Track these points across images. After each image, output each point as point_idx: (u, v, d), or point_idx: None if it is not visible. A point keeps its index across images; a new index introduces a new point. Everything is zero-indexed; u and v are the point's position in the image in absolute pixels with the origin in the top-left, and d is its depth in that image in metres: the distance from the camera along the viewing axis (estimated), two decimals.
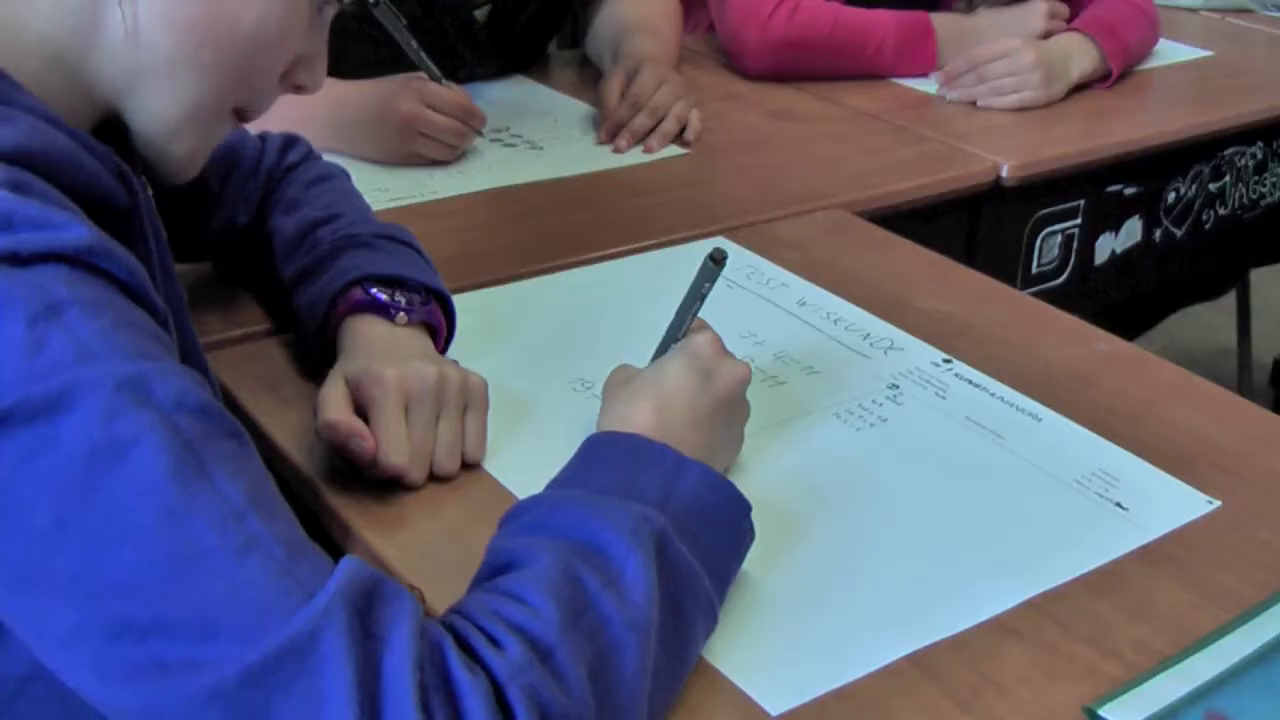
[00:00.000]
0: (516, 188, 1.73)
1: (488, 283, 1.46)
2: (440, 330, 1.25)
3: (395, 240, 1.30)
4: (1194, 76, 2.39)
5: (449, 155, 1.78)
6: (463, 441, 1.14)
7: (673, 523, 0.91)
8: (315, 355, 1.26)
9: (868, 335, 1.39)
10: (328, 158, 1.69)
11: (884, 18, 2.21)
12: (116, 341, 0.77)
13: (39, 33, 0.89)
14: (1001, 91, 2.11)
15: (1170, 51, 2.46)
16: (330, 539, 1.09)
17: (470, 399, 1.15)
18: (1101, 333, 1.43)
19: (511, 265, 1.50)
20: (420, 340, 1.22)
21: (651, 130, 1.87)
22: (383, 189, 1.67)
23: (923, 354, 1.36)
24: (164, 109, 0.94)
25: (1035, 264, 1.98)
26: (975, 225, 1.90)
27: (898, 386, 1.30)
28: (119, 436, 0.74)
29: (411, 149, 1.75)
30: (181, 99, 0.94)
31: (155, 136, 0.96)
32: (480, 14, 2.05)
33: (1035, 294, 1.61)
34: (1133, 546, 1.07)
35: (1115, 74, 2.22)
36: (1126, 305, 2.10)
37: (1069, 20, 2.29)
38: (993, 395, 1.28)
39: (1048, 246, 1.98)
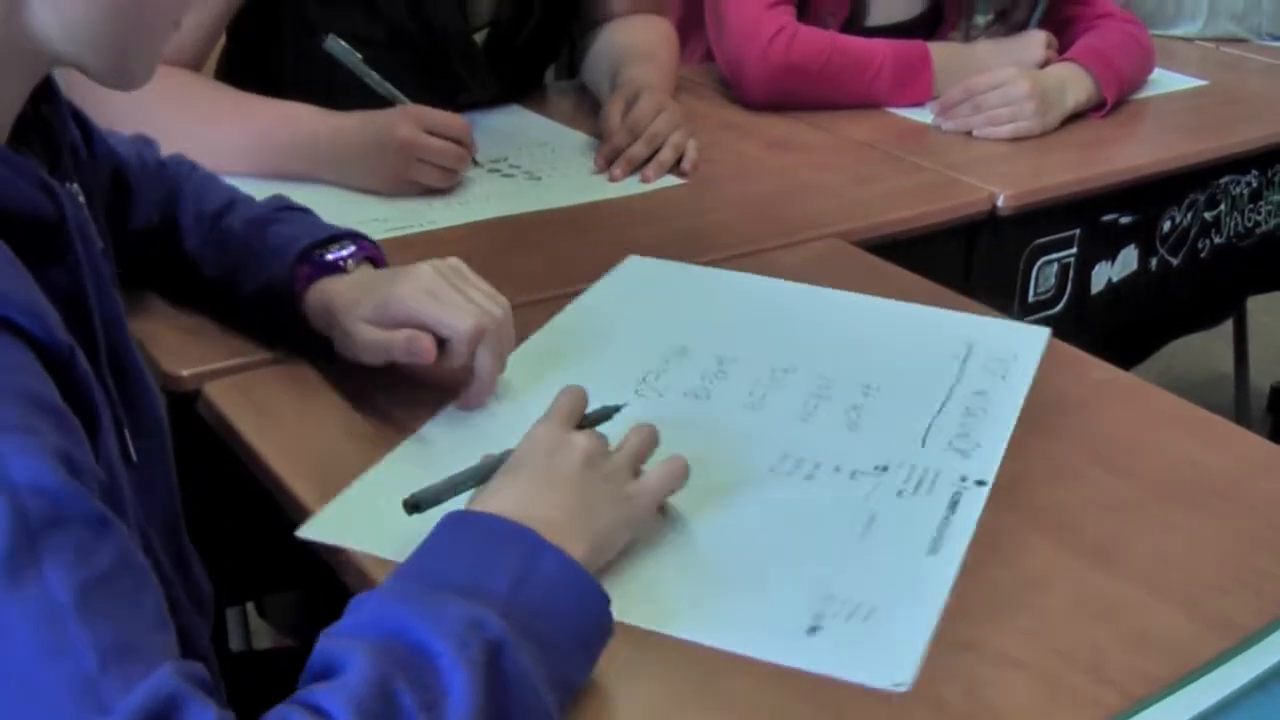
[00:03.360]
0: (514, 218, 1.74)
1: None
2: (379, 259, 1.38)
3: (292, 209, 1.42)
4: (1189, 105, 2.40)
5: (448, 181, 1.78)
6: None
7: (517, 621, 0.84)
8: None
9: None
10: (325, 188, 1.71)
11: (881, 47, 2.22)
12: None
13: None
14: (997, 121, 2.11)
15: (1165, 80, 2.47)
16: (325, 565, 1.10)
17: (461, 270, 1.30)
18: (1098, 362, 1.43)
19: (510, 294, 1.50)
20: (374, 271, 1.35)
21: (649, 159, 1.87)
22: (380, 219, 1.67)
23: None
24: (116, 51, 0.94)
25: (1032, 293, 1.98)
26: (971, 254, 1.91)
27: None
28: None
29: (410, 176, 1.75)
30: (134, 34, 0.94)
31: (117, 76, 0.96)
32: (479, 37, 2.06)
33: (1032, 323, 1.61)
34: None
35: (1110, 103, 2.23)
36: (1123, 334, 2.11)
37: (1063, 50, 2.30)
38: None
39: (1044, 275, 1.98)
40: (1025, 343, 1.44)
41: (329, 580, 1.10)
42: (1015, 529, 1.14)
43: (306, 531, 1.11)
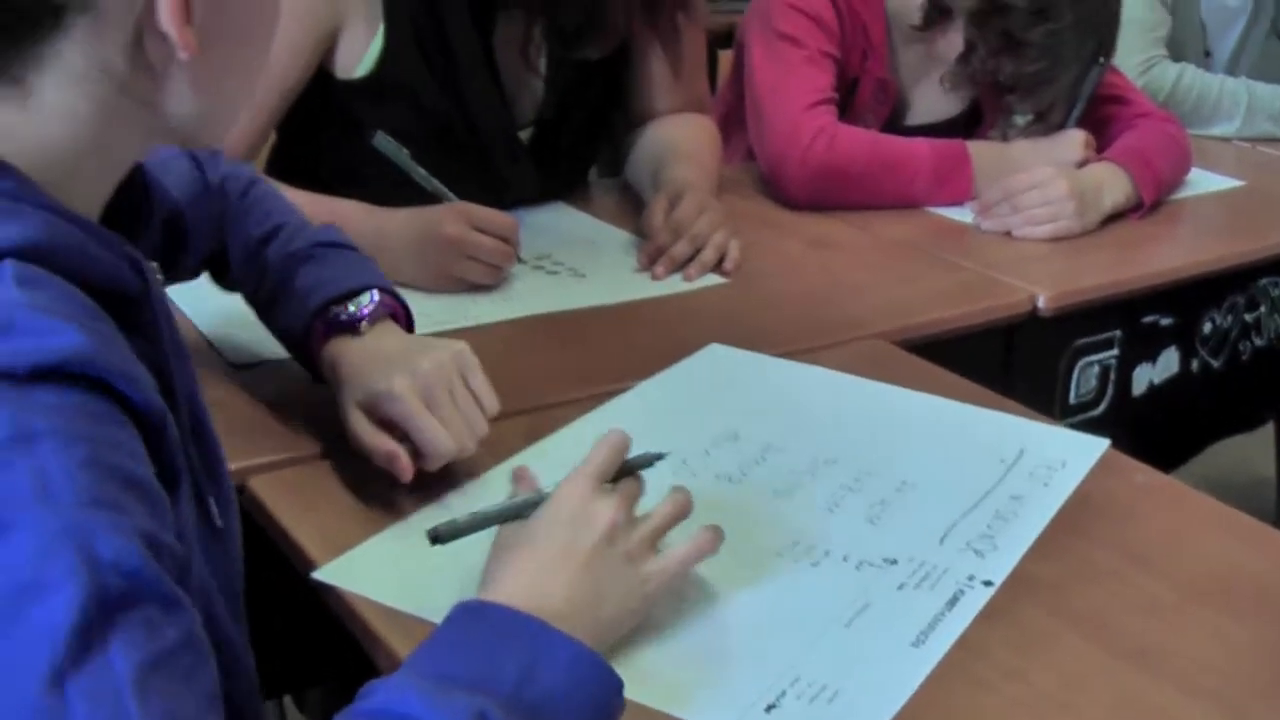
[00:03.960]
0: (558, 314, 1.76)
1: (529, 409, 1.47)
2: (399, 313, 1.42)
3: (333, 245, 1.45)
4: (1227, 206, 2.41)
5: (494, 278, 1.80)
6: (479, 404, 1.31)
7: (522, 714, 0.89)
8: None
9: None
10: None
11: (921, 146, 2.24)
12: (79, 484, 0.77)
13: (50, 144, 0.91)
14: (1036, 221, 2.13)
15: (1203, 181, 2.48)
16: (372, 663, 1.11)
17: (464, 366, 1.33)
18: (1139, 465, 1.43)
19: (553, 392, 1.52)
20: (391, 333, 1.39)
21: (691, 258, 1.89)
22: (425, 314, 1.68)
23: None
24: (221, 122, 1.01)
25: (1073, 394, 1.98)
26: (1011, 354, 1.91)
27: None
28: (45, 578, 0.74)
29: (456, 272, 1.77)
30: (236, 107, 1.01)
31: (214, 138, 1.03)
32: (524, 135, 2.09)
33: (1073, 425, 1.61)
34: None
35: (1148, 204, 2.23)
36: (1164, 436, 2.11)
37: (1101, 148, 2.31)
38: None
39: (1085, 377, 1.99)
40: (1078, 451, 1.44)
41: (365, 674, 1.11)
42: (1055, 631, 1.14)
43: (322, 575, 1.14)
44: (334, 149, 2.01)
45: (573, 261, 1.93)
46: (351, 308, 1.38)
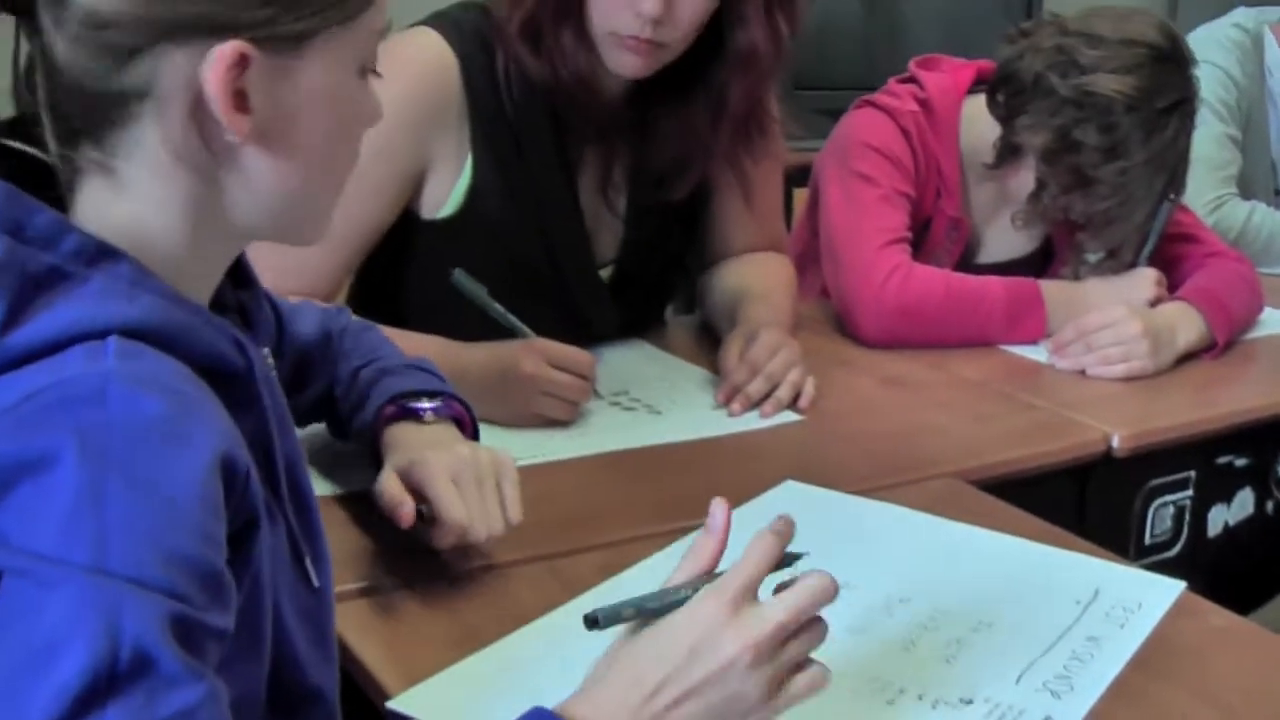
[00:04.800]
0: (634, 451, 1.78)
1: (604, 544, 1.49)
2: (465, 422, 1.54)
3: (420, 369, 1.57)
4: None
5: (570, 415, 1.82)
6: (503, 505, 1.39)
7: None
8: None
9: None
10: None
11: (994, 285, 2.26)
12: (132, 559, 0.84)
13: (156, 234, 1.00)
14: (1110, 361, 2.13)
15: (1275, 320, 2.46)
16: None
17: (501, 471, 1.41)
18: (1215, 607, 1.43)
19: (629, 527, 1.54)
20: (450, 431, 1.51)
21: (767, 396, 1.91)
22: (502, 448, 1.70)
23: None
24: (300, 221, 1.08)
25: (1149, 535, 1.98)
26: (1086, 495, 1.91)
27: None
28: (69, 640, 0.81)
29: (534, 409, 1.80)
30: (313, 208, 1.08)
31: (301, 236, 1.09)
32: (605, 274, 2.12)
33: (1148, 566, 1.62)
34: None
35: (1221, 344, 2.24)
36: (1240, 579, 2.09)
37: (1172, 287, 2.32)
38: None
39: (1160, 518, 1.98)
40: (1154, 594, 1.44)
41: None
42: None
43: (397, 704, 1.16)
44: (415, 287, 2.05)
45: (649, 398, 1.96)
46: (424, 401, 1.51)
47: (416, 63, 1.94)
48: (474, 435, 1.55)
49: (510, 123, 1.97)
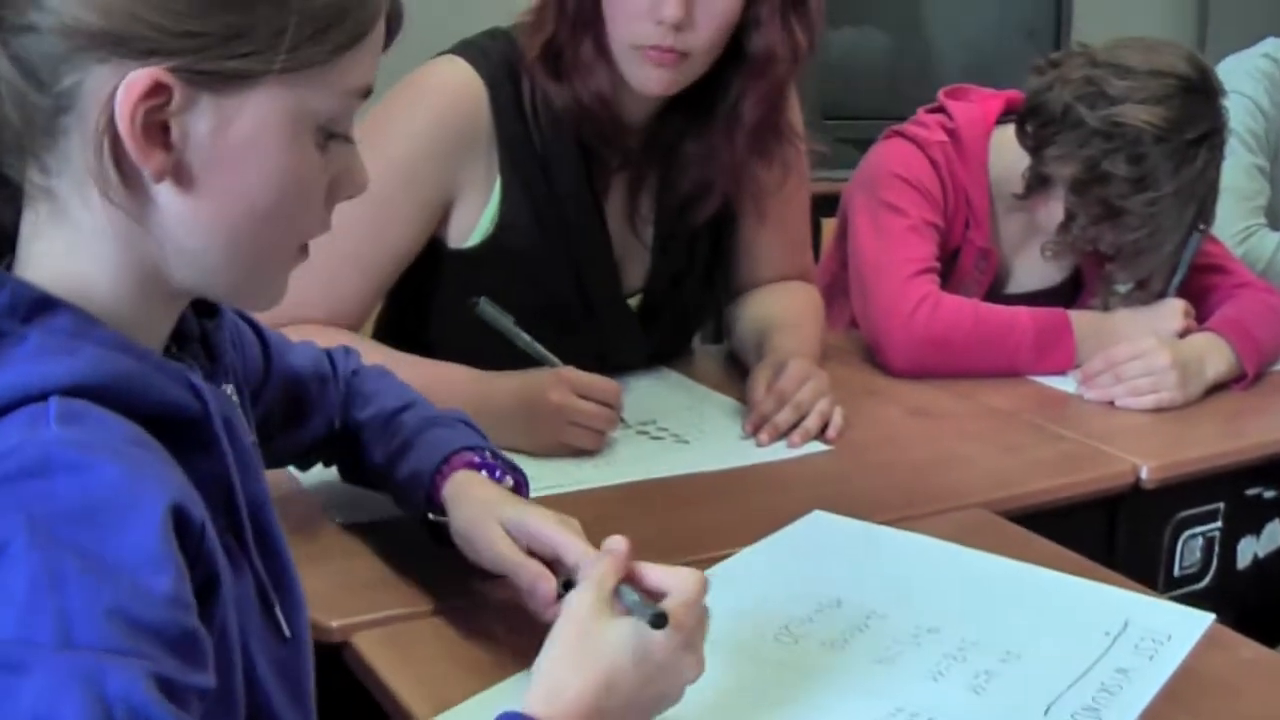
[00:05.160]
0: (662, 480, 1.78)
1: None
2: (523, 491, 1.45)
3: (465, 423, 1.50)
4: None
5: (597, 444, 1.82)
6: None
7: None
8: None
9: None
10: None
11: (1022, 316, 2.26)
12: (100, 631, 0.82)
13: (97, 273, 0.97)
14: (1139, 392, 2.13)
15: None
16: None
17: None
18: (1245, 640, 1.42)
19: (657, 557, 1.52)
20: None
21: (795, 426, 1.91)
22: (530, 477, 1.70)
23: None
24: (235, 284, 1.02)
25: (1177, 567, 1.97)
26: (1114, 526, 1.91)
27: None
28: (48, 715, 0.79)
29: (561, 438, 1.80)
30: (247, 271, 1.02)
31: (241, 301, 1.07)
32: (633, 303, 2.13)
33: (1177, 598, 1.61)
34: None
35: (1251, 375, 2.23)
36: (1269, 610, 2.08)
37: (1201, 317, 2.32)
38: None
39: (1189, 549, 1.98)
40: (1183, 625, 1.43)
41: None
42: None
43: None
44: (442, 315, 2.06)
45: (676, 427, 1.96)
46: (494, 459, 1.45)
47: (445, 92, 1.95)
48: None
49: (538, 151, 1.98)
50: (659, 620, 1.11)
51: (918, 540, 1.60)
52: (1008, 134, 2.32)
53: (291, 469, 1.61)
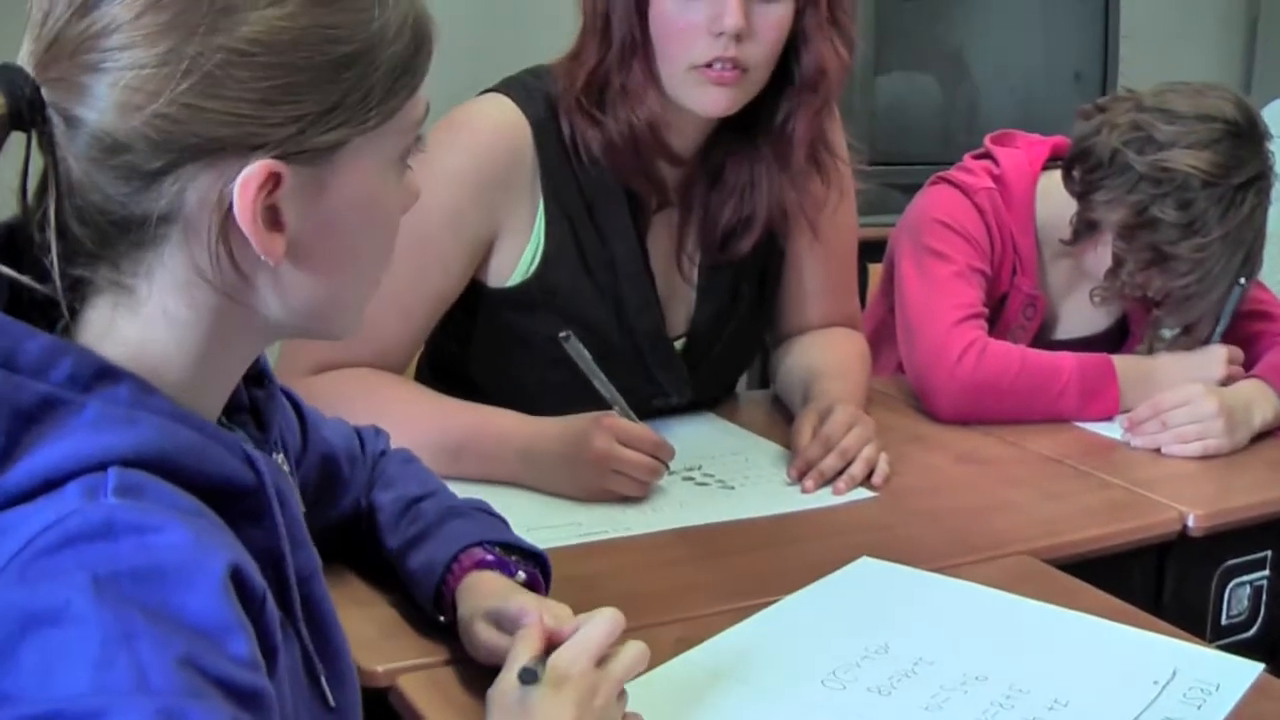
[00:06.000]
0: (707, 527, 1.77)
1: (677, 619, 1.49)
2: (540, 586, 1.42)
3: (487, 513, 1.49)
4: None
5: (642, 492, 1.82)
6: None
7: None
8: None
9: None
10: (518, 491, 1.75)
11: (1067, 361, 2.25)
12: (176, 678, 0.82)
13: (175, 351, 0.98)
14: (1185, 439, 2.12)
15: None
16: None
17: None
18: None
19: (702, 603, 1.54)
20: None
21: (840, 472, 1.90)
22: (575, 523, 1.72)
23: None
24: (334, 320, 1.06)
25: (1225, 615, 1.95)
26: (1162, 574, 1.90)
27: None
28: None
29: (606, 486, 1.80)
30: (352, 307, 1.06)
31: (333, 332, 1.07)
32: (678, 345, 2.13)
33: (1225, 646, 1.60)
34: None
35: None
36: None
37: (1247, 364, 2.31)
38: None
39: (1237, 598, 1.96)
40: (1232, 675, 1.43)
41: None
42: None
43: None
44: (485, 354, 2.06)
45: (722, 473, 1.96)
46: (512, 557, 1.42)
47: (488, 130, 1.96)
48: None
49: (582, 189, 1.98)
50: (524, 675, 1.16)
51: (965, 587, 1.60)
52: (1054, 180, 2.32)
53: None
